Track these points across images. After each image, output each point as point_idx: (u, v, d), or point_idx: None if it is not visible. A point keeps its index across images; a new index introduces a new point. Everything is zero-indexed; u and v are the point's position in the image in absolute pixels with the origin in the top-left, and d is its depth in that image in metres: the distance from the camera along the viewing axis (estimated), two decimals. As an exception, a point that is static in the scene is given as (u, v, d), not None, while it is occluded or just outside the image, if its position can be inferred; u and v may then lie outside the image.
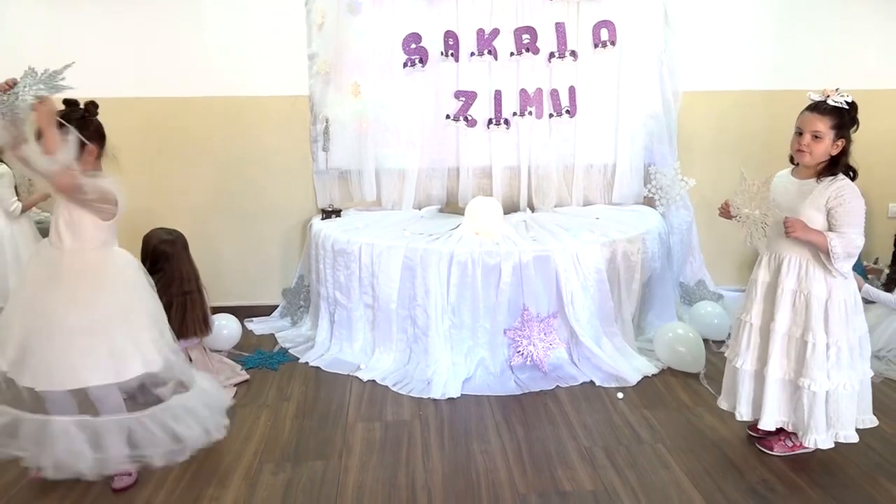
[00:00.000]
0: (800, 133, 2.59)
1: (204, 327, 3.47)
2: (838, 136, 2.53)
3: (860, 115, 2.96)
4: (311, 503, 2.61)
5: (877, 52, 4.54)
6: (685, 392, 3.47)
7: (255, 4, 4.19)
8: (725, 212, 2.76)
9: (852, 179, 2.58)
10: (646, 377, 3.61)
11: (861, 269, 4.25)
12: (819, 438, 2.63)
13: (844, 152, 2.56)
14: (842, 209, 2.51)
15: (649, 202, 4.49)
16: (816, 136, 2.54)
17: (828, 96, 2.52)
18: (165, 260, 3.41)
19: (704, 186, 4.37)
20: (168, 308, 3.32)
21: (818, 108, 2.54)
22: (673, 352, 3.68)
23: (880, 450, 2.90)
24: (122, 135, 4.21)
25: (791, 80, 4.42)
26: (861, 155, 4.66)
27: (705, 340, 3.79)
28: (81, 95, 4.15)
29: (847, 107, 2.51)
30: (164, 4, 4.14)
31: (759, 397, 2.73)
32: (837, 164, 2.55)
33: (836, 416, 2.63)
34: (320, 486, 2.71)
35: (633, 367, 3.65)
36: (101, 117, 4.20)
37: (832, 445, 2.69)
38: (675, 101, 4.44)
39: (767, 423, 2.74)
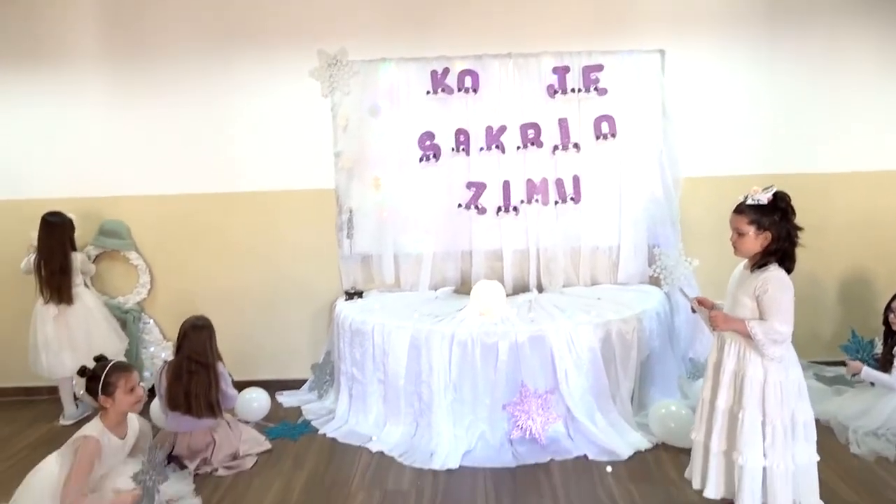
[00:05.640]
0: None
1: (207, 410, 3.78)
2: (761, 230, 2.75)
3: (857, 194, 3.03)
4: (304, 564, 2.91)
5: (866, 134, 4.75)
6: (674, 468, 3.61)
7: (289, 112, 4.75)
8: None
9: (789, 270, 2.77)
10: (639, 452, 3.78)
11: (871, 358, 4.25)
12: None
13: (775, 242, 2.75)
14: (766, 297, 2.72)
15: (656, 282, 4.70)
16: (739, 233, 2.79)
17: (748, 196, 2.78)
18: (183, 339, 3.86)
19: (709, 267, 4.56)
20: (177, 382, 3.76)
21: (737, 207, 2.82)
22: (665, 427, 3.85)
23: (851, 526, 3.00)
24: (166, 227, 4.86)
25: (785, 164, 4.65)
26: (864, 233, 4.81)
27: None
28: (126, 194, 4.82)
29: (766, 203, 2.73)
30: (208, 112, 4.75)
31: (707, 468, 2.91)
32: (770, 255, 2.76)
33: (772, 493, 2.76)
34: (315, 549, 3.00)
35: (626, 442, 3.82)
36: (146, 213, 4.88)
37: None
38: (676, 187, 4.71)
39: (710, 493, 2.90)
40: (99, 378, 3.04)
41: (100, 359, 3.16)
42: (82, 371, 3.13)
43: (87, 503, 2.89)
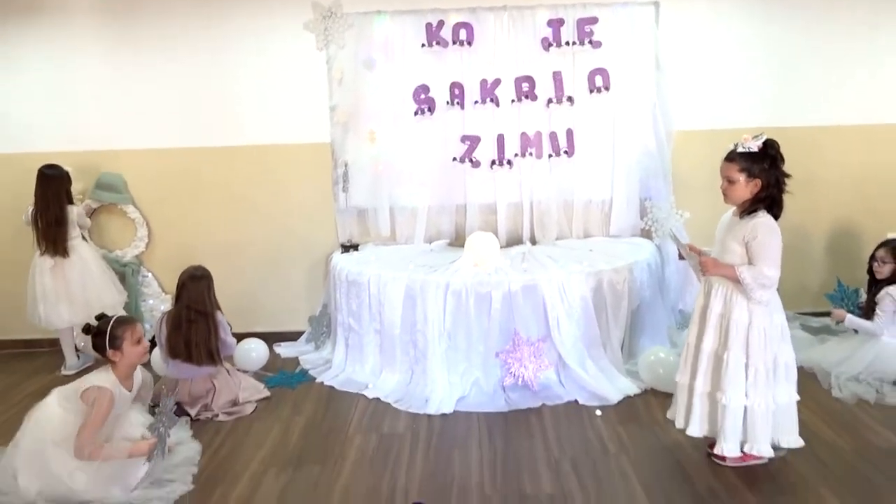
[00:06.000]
0: None
1: (207, 357, 3.87)
2: (751, 177, 2.80)
3: (848, 148, 3.05)
4: (303, 502, 3.01)
5: (858, 89, 4.79)
6: (662, 411, 3.68)
7: (285, 65, 4.76)
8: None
9: (776, 216, 2.83)
10: (628, 397, 3.89)
11: (855, 307, 4.33)
12: (726, 447, 2.89)
13: (765, 189, 2.81)
14: (755, 243, 2.79)
15: (648, 234, 4.77)
16: (730, 181, 2.84)
17: (738, 143, 2.82)
18: (182, 289, 3.93)
19: (700, 219, 4.61)
20: (176, 331, 3.84)
21: (728, 155, 2.86)
22: (654, 373, 3.95)
23: (830, 463, 3.11)
24: (163, 181, 4.89)
25: (778, 118, 4.69)
26: (858, 188, 4.88)
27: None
28: (124, 147, 4.84)
29: (756, 150, 2.78)
30: (205, 65, 4.77)
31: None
32: (759, 202, 2.82)
33: (752, 430, 2.88)
34: (314, 488, 3.10)
35: (615, 388, 3.93)
36: (147, 167, 4.89)
37: (738, 454, 2.95)
38: (669, 140, 4.76)
39: (693, 431, 3.01)
40: (104, 333, 3.09)
41: (101, 317, 3.21)
42: (87, 329, 3.18)
43: (105, 453, 2.93)
